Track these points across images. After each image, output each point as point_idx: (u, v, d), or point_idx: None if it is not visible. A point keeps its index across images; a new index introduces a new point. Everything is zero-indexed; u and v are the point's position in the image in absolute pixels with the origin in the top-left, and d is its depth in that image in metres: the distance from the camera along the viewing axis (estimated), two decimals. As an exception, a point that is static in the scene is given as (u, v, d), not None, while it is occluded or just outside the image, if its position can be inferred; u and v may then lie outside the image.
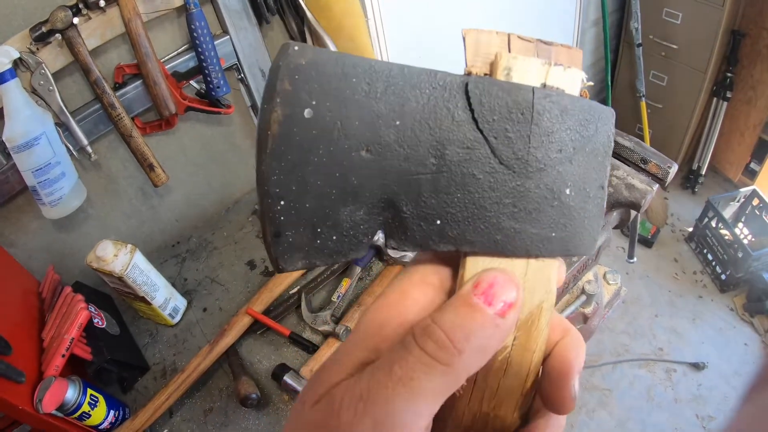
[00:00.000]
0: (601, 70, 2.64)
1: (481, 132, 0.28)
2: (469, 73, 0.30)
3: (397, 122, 0.27)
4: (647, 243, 2.53)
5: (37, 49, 1.04)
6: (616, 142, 0.88)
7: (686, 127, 2.58)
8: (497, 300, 0.25)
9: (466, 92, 0.27)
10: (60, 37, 1.05)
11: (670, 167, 0.85)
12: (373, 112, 0.26)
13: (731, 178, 2.74)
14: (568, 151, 0.29)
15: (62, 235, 1.28)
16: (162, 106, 1.17)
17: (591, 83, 0.32)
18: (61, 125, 1.11)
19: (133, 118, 1.19)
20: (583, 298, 0.92)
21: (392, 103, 0.27)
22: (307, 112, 0.25)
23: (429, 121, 0.27)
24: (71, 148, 1.14)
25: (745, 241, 2.29)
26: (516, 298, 0.26)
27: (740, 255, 2.19)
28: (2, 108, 1.01)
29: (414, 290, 0.29)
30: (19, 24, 1.02)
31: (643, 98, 2.54)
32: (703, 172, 2.69)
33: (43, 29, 1.02)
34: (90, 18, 1.07)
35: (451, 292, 0.29)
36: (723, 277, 2.32)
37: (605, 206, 0.31)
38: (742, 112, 2.52)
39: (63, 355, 0.97)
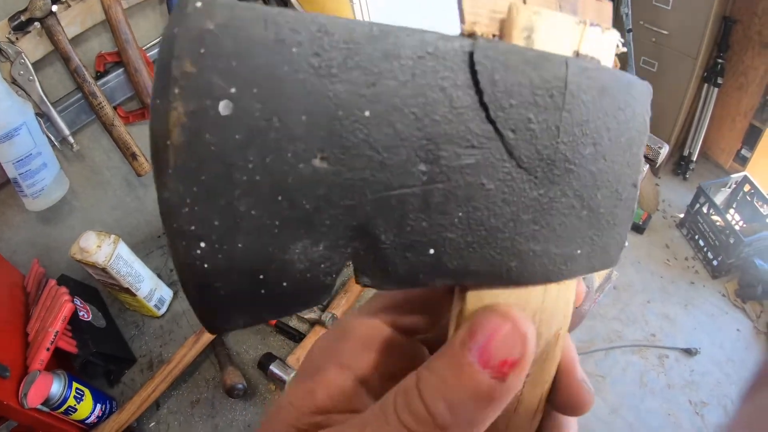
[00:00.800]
0: (592, 56, 2.64)
1: (493, 123, 0.19)
2: (471, 35, 0.21)
3: (366, 112, 0.18)
4: (639, 229, 2.53)
5: (17, 38, 1.03)
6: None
7: (677, 114, 2.58)
8: (495, 358, 0.19)
9: (471, 64, 0.19)
10: (39, 26, 1.03)
11: (660, 148, 0.84)
12: (329, 99, 0.18)
13: (722, 164, 2.74)
14: (603, 144, 0.22)
15: (47, 228, 1.26)
16: (144, 93, 1.15)
17: (624, 49, 0.25)
18: (42, 115, 1.10)
19: (115, 107, 1.17)
20: (572, 282, 0.91)
21: (357, 82, 0.18)
22: (223, 106, 0.16)
23: (415, 108, 0.18)
24: (53, 138, 1.12)
25: (737, 227, 2.30)
26: (522, 355, 0.19)
27: (732, 241, 2.20)
28: None
29: (360, 328, 0.25)
30: None
31: (634, 84, 2.54)
32: (694, 158, 2.69)
33: (22, 18, 1.00)
34: (69, 6, 1.06)
35: (422, 328, 0.25)
36: (715, 263, 2.32)
37: (635, 204, 0.24)
38: (733, 98, 2.52)
39: (48, 349, 0.96)
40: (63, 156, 1.18)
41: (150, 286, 1.14)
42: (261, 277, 0.18)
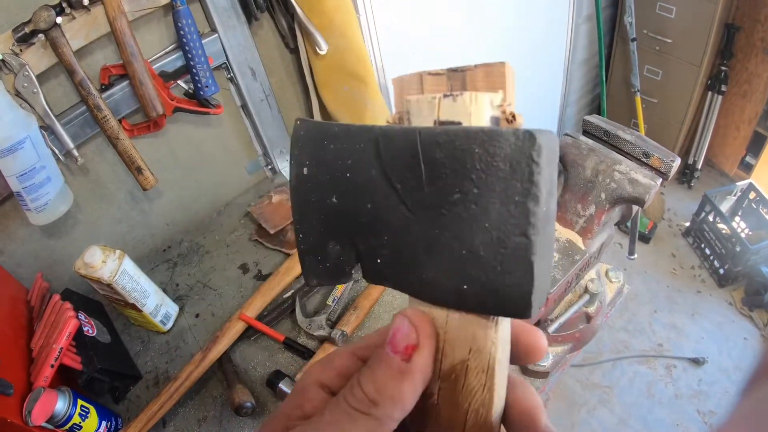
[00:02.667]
0: (596, 65, 2.63)
1: (389, 181, 0.28)
2: (391, 122, 0.31)
3: (348, 174, 0.30)
4: (644, 238, 2.53)
5: (21, 50, 1.01)
6: (617, 136, 0.86)
7: (681, 122, 2.57)
8: (400, 346, 0.27)
9: (378, 143, 0.29)
10: (43, 38, 1.02)
11: (673, 161, 0.83)
12: (334, 167, 0.30)
13: (727, 172, 2.73)
14: (471, 192, 0.25)
15: (51, 242, 1.25)
16: (149, 107, 1.14)
17: (509, 104, 0.27)
18: (46, 128, 1.09)
19: (120, 120, 1.16)
20: (587, 297, 0.90)
21: (342, 158, 0.30)
22: (305, 170, 0.31)
23: (363, 171, 0.29)
24: (57, 152, 1.11)
25: (743, 235, 2.29)
26: (417, 341, 0.27)
27: (738, 249, 2.19)
28: None
29: (337, 359, 0.33)
30: (1, 25, 0.99)
31: (638, 93, 2.53)
32: (699, 167, 2.69)
33: (26, 30, 0.99)
34: (74, 18, 1.04)
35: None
36: (721, 271, 2.31)
37: (535, 258, 0.25)
38: (737, 106, 2.51)
39: (52, 366, 0.95)
40: (67, 169, 1.17)
41: (156, 302, 1.12)
42: (319, 258, 0.33)
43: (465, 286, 0.27)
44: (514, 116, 0.27)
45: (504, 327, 0.28)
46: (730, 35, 2.32)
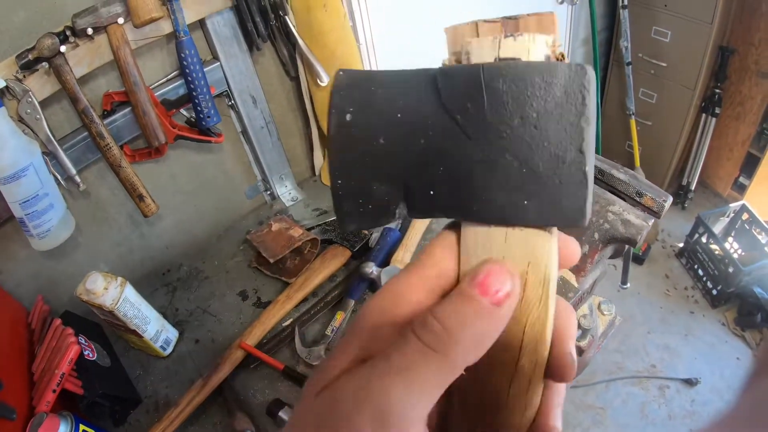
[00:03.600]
0: (592, 87, 2.66)
1: (449, 113, 0.30)
2: (444, 65, 0.32)
3: (399, 114, 0.31)
4: (638, 260, 2.54)
5: (24, 76, 1.03)
6: (611, 175, 0.88)
7: (675, 144, 2.59)
8: (492, 289, 0.27)
9: (435, 82, 0.30)
10: (47, 65, 1.03)
11: (665, 200, 0.85)
12: (383, 109, 0.31)
13: (721, 192, 2.76)
14: (531, 116, 0.29)
15: (51, 263, 1.26)
16: (152, 136, 1.15)
17: (560, 45, 0.31)
18: (49, 154, 1.10)
19: (122, 146, 1.17)
20: (579, 332, 0.92)
21: (393, 100, 0.31)
22: (348, 117, 0.32)
23: (417, 109, 0.31)
24: (59, 177, 1.12)
25: (735, 256, 2.31)
26: (512, 288, 0.28)
27: (731, 270, 2.21)
28: None
29: (409, 292, 0.30)
30: (4, 50, 1.00)
31: (633, 116, 2.56)
32: (693, 188, 2.71)
33: (30, 57, 1.00)
34: (77, 45, 1.06)
35: (449, 289, 0.31)
36: (714, 292, 2.33)
37: (588, 170, 0.29)
38: (730, 128, 2.54)
39: (54, 390, 0.95)
40: (68, 193, 1.18)
41: (156, 328, 1.13)
42: (361, 200, 0.33)
43: (526, 202, 0.29)
44: (563, 55, 0.31)
45: (556, 237, 0.31)
46: (724, 58, 2.35)
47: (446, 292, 0.30)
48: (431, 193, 0.31)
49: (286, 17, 1.21)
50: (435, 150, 0.31)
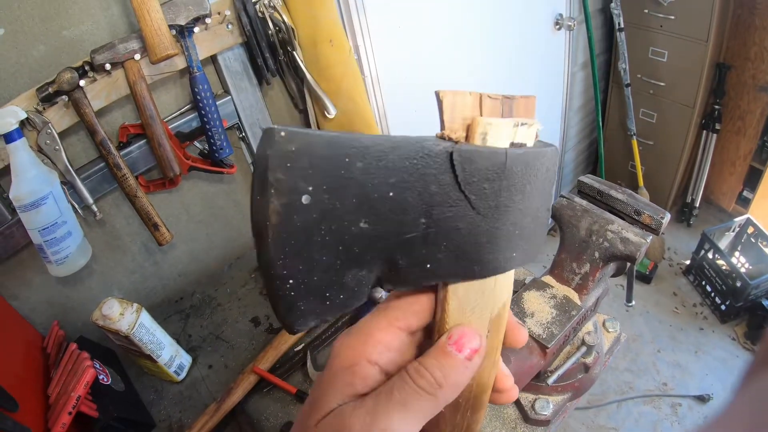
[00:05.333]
0: (592, 111, 2.69)
1: (464, 193, 0.31)
2: (448, 138, 0.31)
3: (391, 193, 0.29)
4: (646, 279, 2.54)
5: (44, 108, 1.06)
6: (610, 196, 0.91)
7: (678, 162, 2.62)
8: (465, 348, 0.34)
9: (451, 160, 0.30)
10: (66, 99, 1.07)
11: (662, 217, 0.87)
12: (369, 187, 0.28)
13: (725, 207, 2.77)
14: (528, 191, 0.34)
15: (65, 289, 1.29)
16: (167, 167, 1.19)
17: (541, 127, 0.36)
18: (67, 183, 1.13)
19: (137, 177, 1.21)
20: (584, 349, 0.93)
21: (385, 175, 0.28)
22: (304, 199, 0.26)
23: (418, 187, 0.30)
24: (76, 206, 1.15)
25: (743, 270, 2.31)
26: (479, 345, 0.35)
27: (738, 284, 2.21)
28: (9, 165, 1.02)
29: (378, 333, 0.35)
30: (25, 82, 1.04)
31: (634, 136, 2.59)
32: (697, 205, 2.72)
33: (50, 90, 1.03)
34: (95, 80, 1.09)
35: (416, 329, 0.37)
36: (723, 307, 2.32)
37: (549, 218, 0.37)
38: (732, 143, 2.56)
39: (70, 413, 0.97)
40: (84, 221, 1.21)
41: (170, 353, 1.16)
42: (327, 294, 0.30)
43: (514, 254, 0.35)
44: (538, 136, 0.36)
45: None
46: (722, 74, 2.38)
47: (412, 333, 0.37)
48: (427, 266, 0.32)
49: (294, 52, 1.26)
50: (440, 228, 0.31)
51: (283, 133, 0.26)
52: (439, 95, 0.32)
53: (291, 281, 0.28)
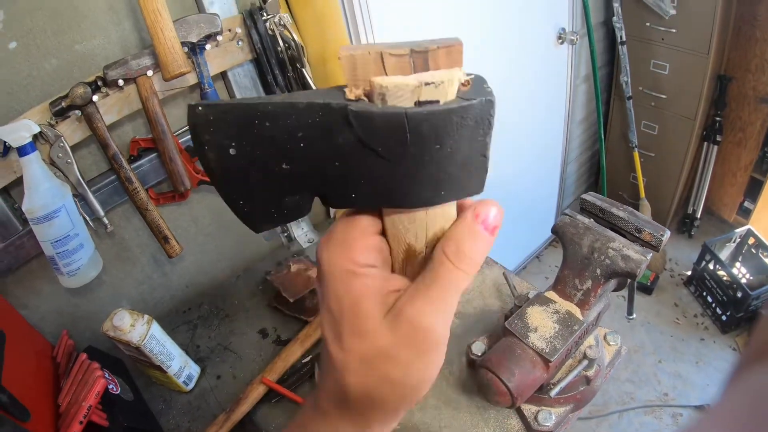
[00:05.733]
0: (594, 123, 2.72)
1: (368, 146, 0.33)
2: (349, 99, 0.33)
3: (301, 144, 0.33)
4: (647, 290, 2.56)
5: (56, 122, 1.07)
6: (611, 213, 0.93)
7: (679, 173, 2.64)
8: (490, 225, 0.37)
9: (347, 120, 0.32)
10: (79, 113, 1.08)
11: (662, 235, 0.89)
12: (280, 140, 0.33)
13: (726, 218, 2.79)
14: (448, 143, 0.33)
15: (75, 300, 1.31)
16: (178, 181, 1.21)
17: (471, 76, 0.34)
18: (78, 196, 1.15)
19: (146, 190, 1.22)
20: (586, 362, 0.95)
21: (293, 130, 0.33)
22: (231, 151, 0.33)
23: (326, 139, 0.33)
24: (87, 218, 1.16)
25: (744, 281, 2.33)
26: (500, 222, 0.37)
27: (739, 295, 2.23)
28: (21, 177, 1.04)
29: (359, 242, 0.38)
30: (36, 95, 1.05)
31: (636, 148, 2.61)
32: (698, 216, 2.74)
33: (63, 104, 1.05)
34: (108, 95, 1.10)
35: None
36: (724, 318, 2.34)
37: (488, 162, 0.36)
38: (733, 154, 2.59)
39: (81, 422, 0.98)
40: (95, 233, 1.22)
41: (180, 364, 1.17)
42: (272, 211, 0.37)
43: (443, 192, 0.36)
44: (468, 81, 0.34)
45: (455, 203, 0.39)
46: (723, 86, 2.41)
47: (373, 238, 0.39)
48: (353, 196, 0.36)
49: (303, 69, 1.28)
50: (354, 171, 0.35)
51: (200, 108, 0.32)
52: (339, 53, 0.33)
53: (241, 204, 0.36)
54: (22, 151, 1.01)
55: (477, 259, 0.36)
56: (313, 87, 1.31)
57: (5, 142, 1.00)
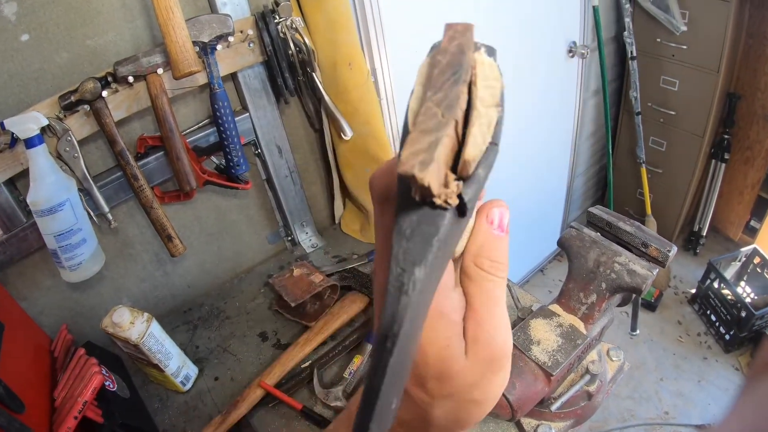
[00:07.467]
0: (602, 137, 2.71)
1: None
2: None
3: None
4: (651, 307, 2.54)
5: (65, 116, 1.07)
6: (618, 228, 0.92)
7: (686, 191, 2.63)
8: (503, 226, 0.36)
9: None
10: (88, 108, 1.08)
11: (669, 250, 0.89)
12: None
13: (732, 237, 2.77)
14: None
15: (75, 294, 1.30)
16: (184, 180, 1.21)
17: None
18: (83, 191, 1.14)
19: (152, 188, 1.22)
20: (588, 377, 0.94)
21: None
22: None
23: None
24: (91, 213, 1.16)
25: (748, 300, 2.31)
26: (509, 219, 0.37)
27: (743, 314, 2.21)
28: (27, 169, 1.03)
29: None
30: (47, 88, 1.05)
31: (644, 164, 2.60)
32: (704, 234, 2.73)
33: (72, 99, 1.04)
34: (117, 91, 1.10)
35: None
36: (727, 337, 2.32)
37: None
38: (740, 172, 2.58)
39: (75, 417, 0.97)
40: (98, 228, 1.21)
41: (178, 363, 1.17)
42: None
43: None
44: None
45: None
46: (732, 104, 2.40)
47: None
48: None
49: (314, 73, 1.28)
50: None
51: None
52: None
53: None
54: (30, 143, 1.01)
55: (507, 261, 0.37)
56: (323, 92, 1.31)
57: (13, 134, 1.00)
